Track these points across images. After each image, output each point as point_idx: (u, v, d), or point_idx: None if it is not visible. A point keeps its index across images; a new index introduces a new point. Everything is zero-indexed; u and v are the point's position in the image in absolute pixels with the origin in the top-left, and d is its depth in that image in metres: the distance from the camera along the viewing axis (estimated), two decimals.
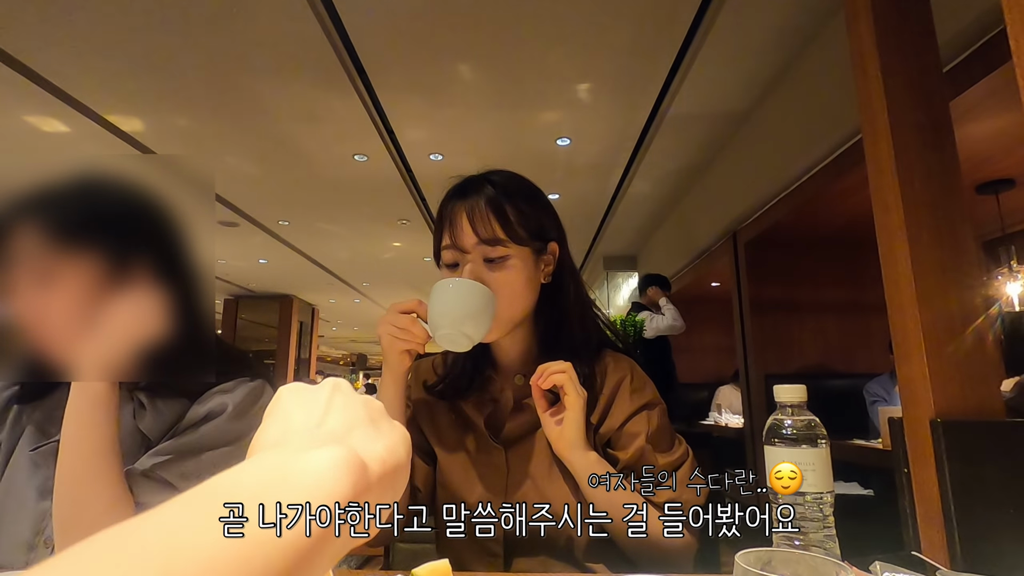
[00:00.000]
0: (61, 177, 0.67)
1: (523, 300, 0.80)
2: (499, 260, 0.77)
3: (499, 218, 0.77)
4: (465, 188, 0.81)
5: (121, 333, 0.65)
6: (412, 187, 4.10)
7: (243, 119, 3.14)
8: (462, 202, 0.79)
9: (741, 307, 3.33)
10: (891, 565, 0.57)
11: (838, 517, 0.52)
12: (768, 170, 2.81)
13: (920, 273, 1.21)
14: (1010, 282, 3.11)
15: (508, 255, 0.78)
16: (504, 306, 0.77)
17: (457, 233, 0.78)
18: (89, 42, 2.42)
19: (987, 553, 1.05)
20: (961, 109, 1.75)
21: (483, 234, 0.77)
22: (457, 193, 0.81)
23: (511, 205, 0.79)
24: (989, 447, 1.11)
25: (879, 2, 1.33)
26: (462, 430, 0.85)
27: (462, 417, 0.86)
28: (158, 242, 0.69)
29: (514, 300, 0.78)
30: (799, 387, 0.54)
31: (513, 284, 0.78)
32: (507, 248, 0.77)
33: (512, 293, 0.78)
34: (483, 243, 0.77)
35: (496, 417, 0.84)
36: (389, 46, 2.49)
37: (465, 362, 0.87)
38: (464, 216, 0.78)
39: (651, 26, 2.35)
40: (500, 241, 0.77)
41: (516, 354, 0.85)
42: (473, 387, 0.86)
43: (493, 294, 0.74)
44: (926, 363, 1.18)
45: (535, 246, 0.81)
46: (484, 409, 0.84)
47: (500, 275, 0.77)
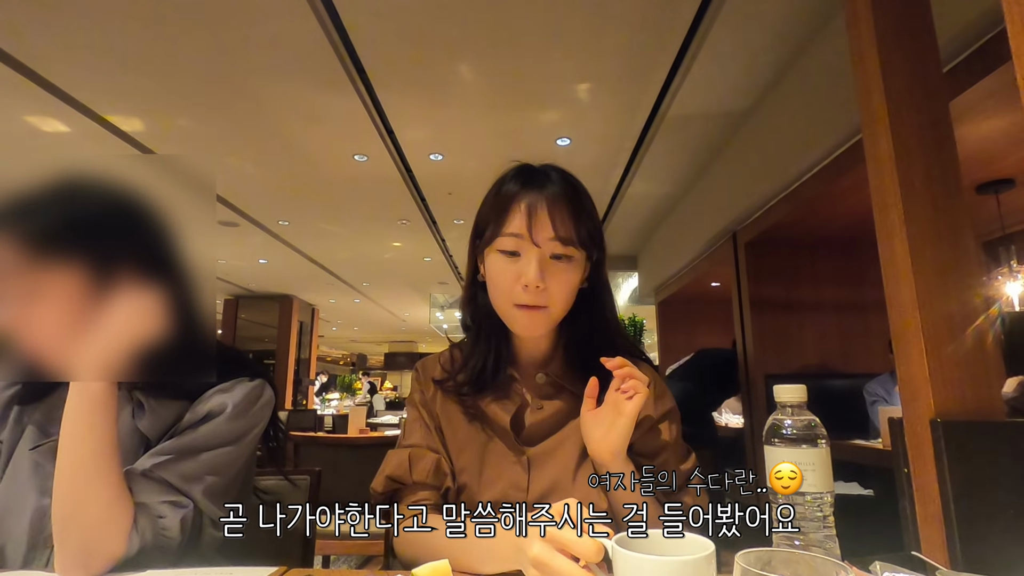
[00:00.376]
0: (45, 181, 0.67)
1: (570, 303, 0.80)
2: (565, 259, 0.78)
3: (574, 217, 0.77)
4: (538, 178, 0.80)
5: (117, 334, 0.65)
6: (412, 187, 4.10)
7: (243, 119, 3.14)
8: (539, 193, 0.78)
9: (741, 307, 3.33)
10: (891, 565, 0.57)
11: (838, 517, 0.52)
12: (768, 170, 2.81)
13: (920, 273, 1.21)
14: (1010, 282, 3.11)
15: (572, 256, 0.78)
16: (558, 308, 0.78)
17: (534, 224, 0.76)
18: (89, 42, 2.42)
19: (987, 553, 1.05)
20: (961, 109, 1.75)
21: (561, 232, 0.76)
22: (529, 182, 0.80)
23: (581, 206, 0.79)
24: (989, 447, 1.10)
25: (879, 2, 1.33)
26: (480, 429, 0.83)
27: (480, 416, 0.84)
28: (148, 242, 0.69)
29: (568, 301, 0.79)
30: (799, 387, 0.54)
31: (571, 284, 0.79)
32: (575, 249, 0.78)
33: (568, 293, 0.79)
34: (558, 239, 0.76)
35: (518, 418, 0.83)
36: (389, 46, 2.49)
37: (487, 358, 0.85)
38: (545, 209, 0.77)
39: (651, 26, 2.35)
40: (572, 241, 0.77)
41: (540, 354, 0.85)
42: (494, 385, 0.84)
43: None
44: (926, 363, 1.18)
45: (590, 251, 0.81)
46: (508, 409, 0.82)
47: (562, 274, 0.78)
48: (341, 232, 5.35)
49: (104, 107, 2.98)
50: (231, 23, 2.31)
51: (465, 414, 0.84)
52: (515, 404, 0.83)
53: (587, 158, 3.60)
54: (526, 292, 0.76)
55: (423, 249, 5.91)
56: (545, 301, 0.77)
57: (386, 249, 5.99)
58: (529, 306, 0.77)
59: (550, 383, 0.83)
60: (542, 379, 0.83)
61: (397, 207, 4.55)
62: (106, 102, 2.94)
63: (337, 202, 4.52)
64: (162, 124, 3.22)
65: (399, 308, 10.08)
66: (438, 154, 3.55)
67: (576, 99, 2.91)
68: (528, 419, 0.82)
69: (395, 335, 14.28)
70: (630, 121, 3.14)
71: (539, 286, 0.75)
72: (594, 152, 3.54)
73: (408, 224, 5.00)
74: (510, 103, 2.97)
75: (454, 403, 0.85)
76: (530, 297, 0.76)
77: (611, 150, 3.51)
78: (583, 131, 3.27)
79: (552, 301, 0.77)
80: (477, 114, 3.08)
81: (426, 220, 4.84)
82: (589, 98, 2.91)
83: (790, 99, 2.62)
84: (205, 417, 0.76)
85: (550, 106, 3.02)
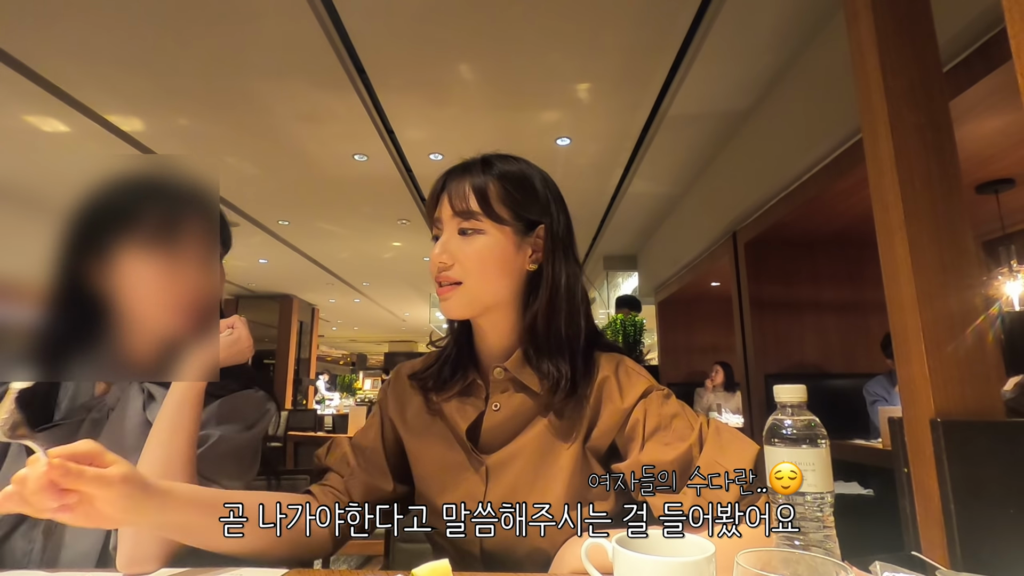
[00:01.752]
0: (120, 182, 0.66)
1: (495, 280, 0.77)
2: (472, 232, 0.76)
3: (476, 193, 0.76)
4: (456, 167, 0.81)
5: (221, 336, 0.81)
6: (412, 187, 4.10)
7: (243, 119, 3.14)
8: (447, 178, 0.80)
9: (741, 307, 3.33)
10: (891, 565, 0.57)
11: (838, 517, 0.52)
12: (768, 170, 2.81)
13: (920, 273, 1.21)
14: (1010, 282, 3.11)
15: (481, 229, 0.76)
16: (473, 282, 0.76)
17: (438, 206, 0.79)
18: (89, 42, 2.42)
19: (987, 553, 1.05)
20: (961, 109, 1.75)
21: (457, 207, 0.76)
22: (443, 176, 0.81)
23: (494, 183, 0.77)
24: (989, 447, 1.11)
25: (879, 2, 1.33)
26: (440, 436, 0.81)
27: (440, 416, 0.82)
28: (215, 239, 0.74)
29: (484, 276, 0.76)
30: (799, 387, 0.54)
31: (483, 259, 0.76)
32: (480, 222, 0.76)
33: (482, 268, 0.76)
34: (457, 215, 0.76)
35: (477, 423, 0.79)
36: (389, 46, 2.49)
37: (450, 351, 0.84)
38: (445, 188, 0.78)
39: (651, 26, 2.35)
40: (473, 215, 0.76)
41: (499, 348, 0.81)
42: (455, 382, 0.82)
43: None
44: (926, 363, 1.18)
45: (516, 227, 0.78)
46: (467, 416, 0.79)
47: (470, 248, 0.76)
48: (341, 232, 5.35)
49: (104, 107, 2.98)
50: (231, 23, 2.31)
51: (428, 414, 0.83)
52: (476, 410, 0.79)
53: (587, 158, 3.60)
54: (438, 270, 0.77)
55: (423, 249, 5.91)
56: (458, 276, 0.76)
57: (386, 249, 6.00)
58: (442, 284, 0.77)
59: (508, 379, 0.79)
60: (500, 374, 0.79)
61: (397, 207, 4.55)
62: (106, 102, 2.94)
63: (337, 202, 4.52)
64: (162, 124, 3.22)
65: (399, 308, 10.09)
66: (438, 154, 3.55)
67: (576, 99, 2.91)
68: (486, 421, 0.79)
69: (395, 335, 14.28)
70: (630, 121, 3.14)
71: (443, 261, 0.76)
72: (594, 152, 3.54)
73: (408, 224, 5.00)
74: (510, 103, 2.97)
75: (417, 399, 0.84)
76: (440, 274, 0.77)
77: (611, 150, 3.51)
78: (583, 131, 3.27)
79: (465, 274, 0.76)
80: (477, 114, 3.08)
81: (426, 220, 4.84)
82: (589, 98, 2.91)
83: (790, 99, 2.62)
84: (222, 416, 0.80)
85: (550, 106, 3.02)
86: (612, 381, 0.77)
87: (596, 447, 0.76)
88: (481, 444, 0.79)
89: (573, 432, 0.76)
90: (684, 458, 0.70)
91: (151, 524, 0.62)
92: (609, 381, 0.77)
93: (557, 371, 0.75)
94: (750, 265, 3.26)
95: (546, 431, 0.76)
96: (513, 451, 0.76)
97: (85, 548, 0.71)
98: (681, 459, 0.70)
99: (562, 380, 0.75)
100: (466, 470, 0.78)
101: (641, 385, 0.77)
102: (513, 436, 0.77)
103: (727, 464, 0.67)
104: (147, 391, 0.80)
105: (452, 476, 0.78)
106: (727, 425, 0.74)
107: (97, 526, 0.56)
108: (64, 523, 0.59)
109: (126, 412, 0.79)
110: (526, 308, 0.80)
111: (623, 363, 0.80)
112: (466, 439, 0.78)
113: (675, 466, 0.69)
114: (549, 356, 0.77)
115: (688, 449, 0.70)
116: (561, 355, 0.76)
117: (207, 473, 0.75)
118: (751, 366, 3.22)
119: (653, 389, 0.77)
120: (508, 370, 0.78)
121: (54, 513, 0.53)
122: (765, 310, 3.23)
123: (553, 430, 0.76)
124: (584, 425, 0.76)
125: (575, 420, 0.76)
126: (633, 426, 0.74)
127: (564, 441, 0.75)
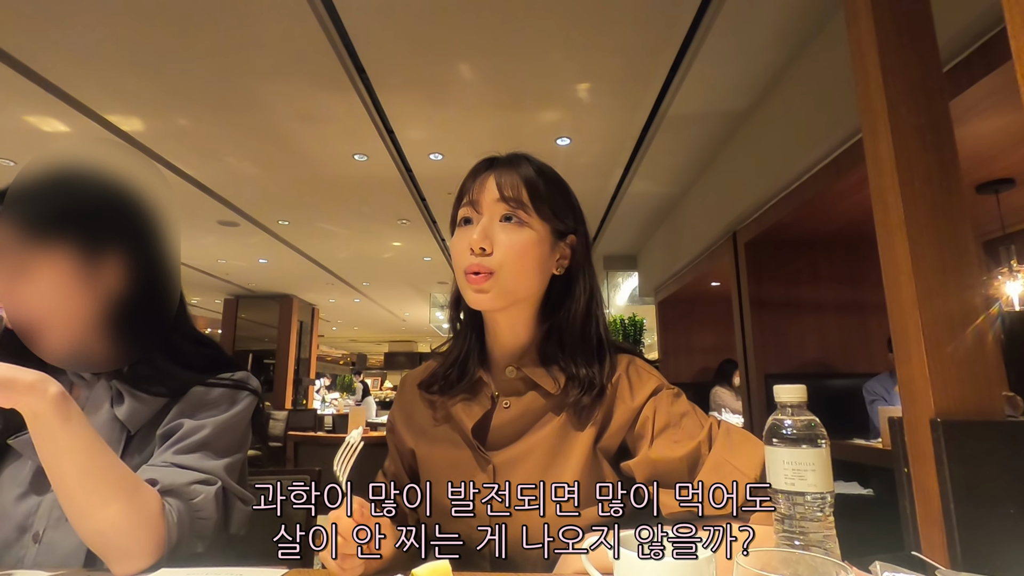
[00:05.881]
0: (38, 171, 0.72)
1: (529, 275, 0.75)
2: (516, 223, 0.74)
3: (528, 186, 0.75)
4: (497, 159, 0.79)
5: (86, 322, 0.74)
6: (412, 187, 4.10)
7: (243, 119, 3.14)
8: (491, 168, 0.78)
9: (741, 307, 3.33)
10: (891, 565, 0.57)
11: (838, 517, 0.52)
12: (768, 170, 2.81)
13: (920, 273, 1.21)
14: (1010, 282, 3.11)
15: (527, 222, 0.74)
16: (508, 272, 0.73)
17: (484, 187, 0.75)
18: (89, 42, 2.42)
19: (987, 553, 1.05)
20: (961, 109, 1.75)
21: (508, 192, 0.74)
22: (487, 162, 0.79)
23: (543, 182, 0.77)
24: (989, 447, 1.11)
25: (879, 2, 1.33)
26: (448, 437, 0.81)
27: (447, 417, 0.81)
28: (133, 231, 0.77)
29: (521, 269, 0.74)
30: (799, 387, 0.54)
31: (524, 251, 0.74)
32: (528, 215, 0.74)
33: (520, 259, 0.74)
34: (504, 200, 0.74)
35: (485, 421, 0.79)
36: (389, 46, 2.49)
37: (460, 350, 0.83)
38: (492, 177, 0.76)
39: (651, 26, 2.35)
40: (523, 205, 0.74)
41: (515, 346, 0.80)
42: (463, 382, 0.81)
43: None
44: (926, 363, 1.18)
45: (555, 228, 0.77)
46: (473, 414, 0.78)
47: (514, 238, 0.74)
48: (341, 232, 5.35)
49: (104, 107, 2.98)
50: (231, 23, 2.31)
51: (435, 417, 0.82)
52: (483, 408, 0.79)
53: (587, 158, 3.60)
54: (472, 255, 0.73)
55: (423, 249, 5.91)
56: (492, 265, 0.73)
57: (386, 249, 5.99)
58: (476, 272, 0.73)
59: (520, 378, 0.78)
60: (512, 372, 0.78)
61: (397, 207, 4.55)
62: (106, 102, 2.94)
63: (337, 202, 4.52)
64: (162, 124, 3.22)
65: (399, 308, 10.09)
66: (438, 154, 3.55)
67: (576, 99, 2.91)
68: (495, 419, 0.78)
69: (395, 335, 14.28)
70: (630, 121, 3.14)
71: (483, 247, 0.73)
72: (594, 152, 3.54)
73: (408, 224, 5.00)
74: (510, 103, 2.97)
75: (423, 403, 0.84)
76: (476, 259, 0.73)
77: (611, 150, 3.51)
78: (583, 131, 3.27)
79: (499, 264, 0.73)
80: (477, 114, 3.08)
81: (426, 220, 4.84)
82: (589, 98, 2.91)
83: (790, 99, 2.62)
84: (201, 405, 0.78)
85: (550, 106, 3.02)
86: (624, 380, 0.78)
87: (607, 447, 0.76)
88: (488, 442, 0.78)
89: (585, 431, 0.75)
90: (693, 455, 0.70)
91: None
92: (622, 380, 0.78)
93: (589, 373, 0.76)
94: (750, 265, 3.26)
95: (558, 430, 0.76)
96: (522, 450, 0.76)
97: (67, 551, 0.71)
98: (690, 456, 0.70)
99: (595, 381, 0.75)
100: (473, 468, 0.77)
101: (651, 383, 0.77)
102: (521, 435, 0.77)
103: (736, 463, 0.67)
104: (115, 389, 0.79)
105: (458, 474, 0.77)
106: (737, 427, 0.74)
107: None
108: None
109: (96, 411, 0.78)
110: (544, 311, 0.80)
111: (634, 362, 0.81)
112: (472, 437, 0.78)
113: (684, 463, 0.69)
114: (584, 358, 0.77)
115: (697, 447, 0.70)
116: (593, 357, 0.77)
117: (200, 465, 0.74)
118: (751, 366, 3.22)
119: (663, 387, 0.77)
120: (521, 369, 0.78)
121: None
122: (765, 310, 3.23)
123: (565, 430, 0.76)
124: (597, 425, 0.76)
125: (588, 420, 0.76)
126: (643, 423, 0.74)
127: (575, 440, 0.75)
